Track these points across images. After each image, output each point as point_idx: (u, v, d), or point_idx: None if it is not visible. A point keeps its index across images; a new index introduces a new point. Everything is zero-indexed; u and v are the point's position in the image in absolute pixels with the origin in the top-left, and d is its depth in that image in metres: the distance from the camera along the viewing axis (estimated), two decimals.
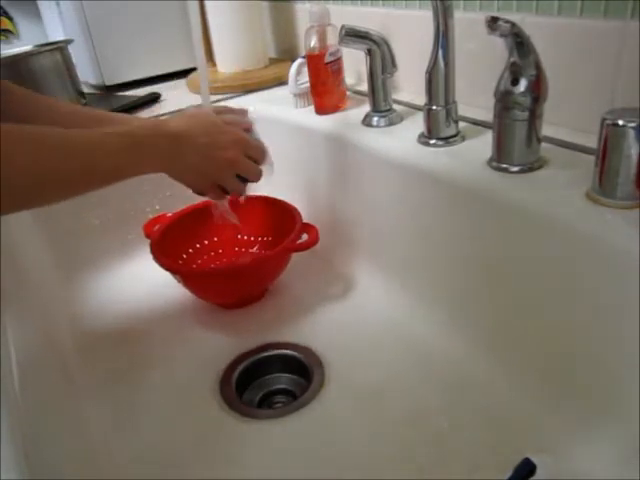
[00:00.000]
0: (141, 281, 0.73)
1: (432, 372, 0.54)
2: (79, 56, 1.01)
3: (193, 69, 1.02)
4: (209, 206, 0.72)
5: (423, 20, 0.63)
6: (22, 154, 0.40)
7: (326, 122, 0.72)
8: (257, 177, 0.58)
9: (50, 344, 0.61)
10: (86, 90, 0.99)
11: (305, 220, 0.67)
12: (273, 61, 1.00)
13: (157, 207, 0.79)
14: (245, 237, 0.76)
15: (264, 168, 0.59)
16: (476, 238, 0.53)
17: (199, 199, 0.68)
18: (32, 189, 0.41)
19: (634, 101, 0.48)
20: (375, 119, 0.66)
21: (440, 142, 0.58)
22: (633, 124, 0.39)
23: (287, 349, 0.60)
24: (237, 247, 0.76)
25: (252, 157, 0.57)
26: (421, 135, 0.60)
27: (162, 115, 0.85)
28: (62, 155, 0.43)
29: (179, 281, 0.64)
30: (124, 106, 0.89)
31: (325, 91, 0.73)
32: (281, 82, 0.91)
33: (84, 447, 0.49)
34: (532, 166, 0.49)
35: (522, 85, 0.46)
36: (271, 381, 0.58)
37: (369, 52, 0.63)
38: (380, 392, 0.53)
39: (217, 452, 0.49)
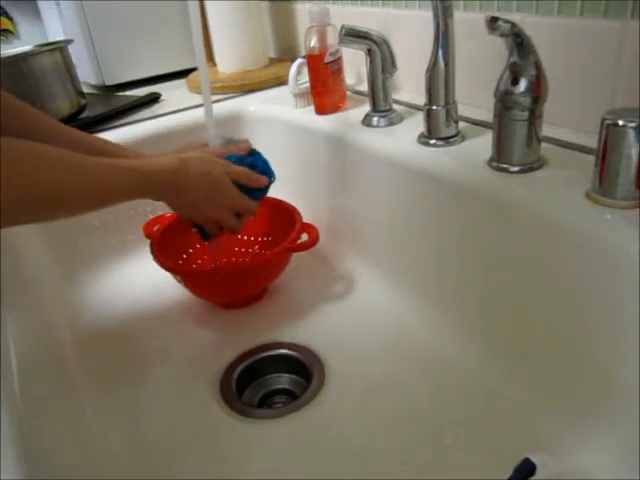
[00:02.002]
0: (141, 281, 0.73)
1: (432, 372, 0.54)
2: (79, 56, 1.01)
3: (193, 69, 1.02)
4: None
5: (423, 20, 0.63)
6: (23, 169, 0.39)
7: (326, 122, 0.72)
8: (235, 232, 0.61)
9: (50, 344, 0.61)
10: (86, 90, 0.98)
11: (305, 220, 0.67)
12: (273, 61, 1.00)
13: (157, 207, 0.79)
14: (245, 237, 0.76)
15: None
16: (476, 238, 0.53)
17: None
18: (30, 206, 0.41)
19: (634, 101, 0.48)
20: (375, 119, 0.67)
21: (440, 142, 0.58)
22: (633, 124, 0.39)
23: (287, 349, 0.60)
24: (237, 247, 0.76)
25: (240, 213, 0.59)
26: (421, 135, 0.60)
27: (162, 116, 0.85)
28: (61, 175, 0.43)
29: (179, 281, 0.64)
30: (124, 106, 0.89)
31: (325, 91, 0.73)
32: (281, 82, 0.91)
33: (84, 447, 0.49)
34: (532, 166, 0.49)
35: (522, 85, 0.46)
36: (271, 381, 0.58)
37: (369, 52, 0.63)
38: (380, 392, 0.53)
39: (217, 452, 0.49)
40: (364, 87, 0.70)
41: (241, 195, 0.57)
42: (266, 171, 0.60)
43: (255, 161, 0.59)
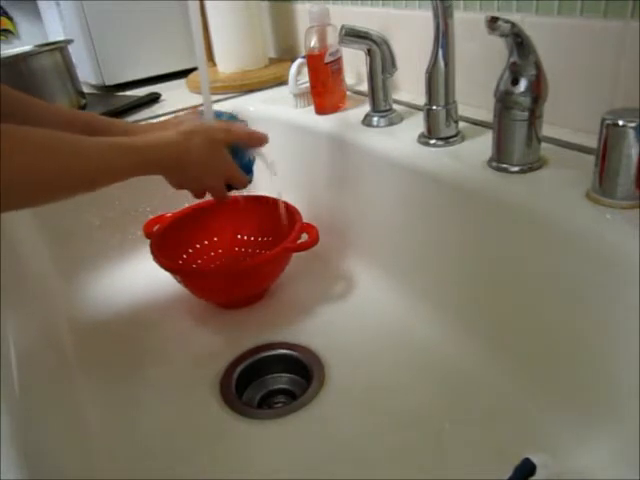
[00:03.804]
0: (141, 281, 0.73)
1: (432, 372, 0.54)
2: (79, 56, 1.01)
3: (193, 69, 1.02)
4: (208, 206, 0.72)
5: (423, 20, 0.63)
6: (22, 154, 0.40)
7: (326, 122, 0.72)
8: (223, 200, 0.61)
9: (50, 344, 0.61)
10: (86, 90, 0.99)
11: (305, 220, 0.67)
12: (273, 61, 1.00)
13: (157, 207, 0.79)
14: (245, 237, 0.76)
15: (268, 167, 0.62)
16: (476, 238, 0.53)
17: (199, 199, 0.68)
18: (30, 189, 0.41)
19: (634, 101, 0.48)
20: (375, 119, 0.66)
21: (440, 142, 0.58)
22: (633, 124, 0.39)
23: (287, 349, 0.60)
24: (237, 247, 0.76)
25: (232, 185, 0.60)
26: (421, 135, 0.60)
27: (162, 115, 0.85)
28: (61, 158, 0.43)
29: (179, 281, 0.64)
30: (124, 106, 0.89)
31: (325, 91, 0.73)
32: (281, 82, 0.91)
33: (84, 447, 0.49)
34: (532, 166, 0.49)
35: (522, 85, 0.46)
36: (271, 381, 0.58)
37: (369, 52, 0.63)
38: (380, 392, 0.53)
39: (217, 452, 0.49)
40: (364, 87, 0.70)
41: (234, 164, 0.58)
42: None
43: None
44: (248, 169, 0.61)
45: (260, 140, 0.60)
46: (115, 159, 0.48)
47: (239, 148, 0.59)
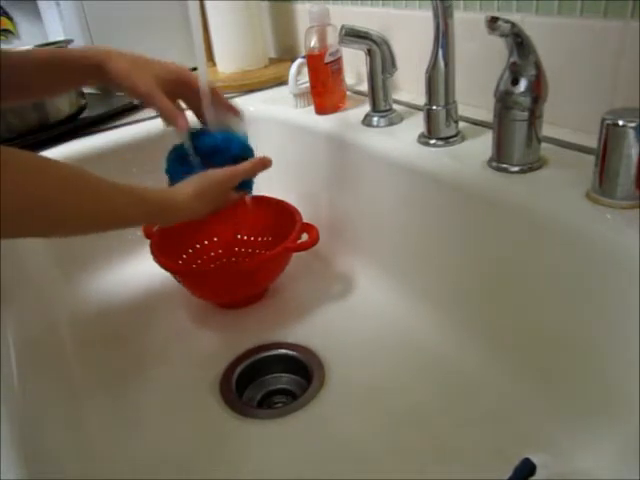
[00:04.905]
0: (141, 281, 0.73)
1: (432, 372, 0.54)
2: None
3: (193, 69, 1.02)
4: None
5: (423, 20, 0.63)
6: (29, 187, 0.38)
7: (326, 122, 0.72)
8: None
9: (50, 344, 0.61)
10: (86, 90, 0.98)
11: (305, 220, 0.67)
12: (273, 61, 1.00)
13: None
14: (245, 237, 0.76)
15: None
16: (476, 238, 0.53)
17: None
18: (34, 223, 0.41)
19: (634, 101, 0.48)
20: (375, 119, 0.66)
21: (440, 142, 0.58)
22: (633, 124, 0.39)
23: (287, 349, 0.60)
24: (237, 247, 0.76)
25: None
26: (421, 135, 0.60)
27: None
28: (70, 197, 0.42)
29: (179, 281, 0.64)
30: (124, 106, 0.89)
31: (325, 91, 0.73)
32: (281, 82, 0.91)
33: (84, 447, 0.49)
34: (532, 166, 0.49)
35: (522, 85, 0.46)
36: (271, 381, 0.58)
37: (369, 52, 0.63)
38: (380, 392, 0.53)
39: (217, 452, 0.49)
40: (364, 87, 0.70)
41: (235, 197, 0.58)
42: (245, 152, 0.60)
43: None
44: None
45: (264, 166, 0.60)
46: (126, 207, 0.47)
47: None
